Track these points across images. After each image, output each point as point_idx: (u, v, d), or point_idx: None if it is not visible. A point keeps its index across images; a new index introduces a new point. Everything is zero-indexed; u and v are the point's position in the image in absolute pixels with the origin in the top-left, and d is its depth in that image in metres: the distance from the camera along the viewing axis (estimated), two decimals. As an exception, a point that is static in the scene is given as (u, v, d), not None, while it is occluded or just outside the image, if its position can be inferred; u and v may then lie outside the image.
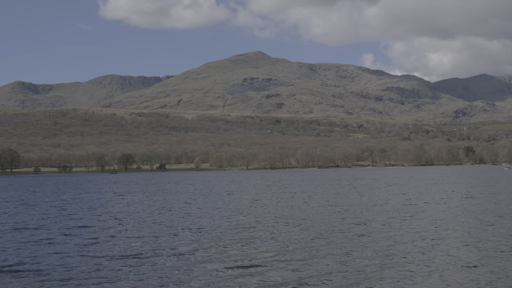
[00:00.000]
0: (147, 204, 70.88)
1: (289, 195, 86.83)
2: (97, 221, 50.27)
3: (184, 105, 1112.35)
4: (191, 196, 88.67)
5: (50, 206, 70.84)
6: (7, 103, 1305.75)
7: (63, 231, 43.28)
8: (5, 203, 79.32)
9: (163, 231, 42.31)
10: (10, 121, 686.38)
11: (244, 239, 37.25)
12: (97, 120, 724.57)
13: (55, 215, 56.96)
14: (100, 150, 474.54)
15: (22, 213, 61.50)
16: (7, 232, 43.59)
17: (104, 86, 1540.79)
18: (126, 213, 57.73)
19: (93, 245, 35.51)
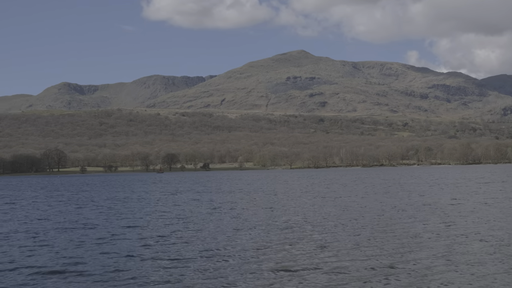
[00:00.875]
0: (209, 204, 70.10)
1: (342, 194, 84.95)
2: (150, 220, 49.60)
3: (227, 105, 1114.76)
4: (251, 195, 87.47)
5: (110, 205, 70.53)
6: (54, 104, 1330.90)
7: (119, 230, 42.89)
8: (59, 202, 79.28)
9: (225, 229, 41.75)
10: (57, 121, 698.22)
11: (303, 239, 36.24)
12: (141, 120, 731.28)
13: (113, 214, 56.55)
14: (144, 150, 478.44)
15: (75, 212, 61.13)
16: (62, 231, 43.23)
17: (148, 86, 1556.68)
18: (182, 213, 56.92)
19: (144, 247, 34.78)
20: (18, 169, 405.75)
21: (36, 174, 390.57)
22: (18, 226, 47.35)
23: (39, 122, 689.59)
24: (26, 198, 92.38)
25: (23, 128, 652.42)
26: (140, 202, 74.44)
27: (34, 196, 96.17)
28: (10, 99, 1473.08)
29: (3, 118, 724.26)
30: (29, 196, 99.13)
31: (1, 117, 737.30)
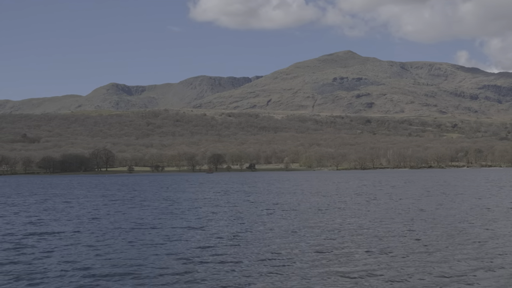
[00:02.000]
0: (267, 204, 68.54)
1: (398, 195, 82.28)
2: (207, 221, 48.61)
3: (274, 105, 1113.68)
4: (304, 196, 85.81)
5: (165, 206, 69.73)
6: (102, 105, 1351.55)
7: (177, 231, 41.97)
8: (113, 201, 78.93)
9: (281, 231, 40.59)
10: (105, 121, 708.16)
11: (363, 243, 35.00)
12: (188, 121, 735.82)
13: (168, 215, 55.48)
14: (191, 150, 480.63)
15: (130, 212, 60.50)
16: (119, 231, 42.59)
17: (194, 87, 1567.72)
18: (237, 214, 55.98)
19: (202, 248, 33.93)
20: (68, 169, 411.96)
21: (85, 174, 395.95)
22: (76, 225, 46.90)
23: (88, 122, 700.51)
24: (80, 197, 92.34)
25: (73, 128, 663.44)
26: (194, 202, 73.51)
27: (87, 196, 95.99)
28: (60, 100, 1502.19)
29: (53, 118, 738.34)
30: (83, 195, 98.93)
31: (51, 117, 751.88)
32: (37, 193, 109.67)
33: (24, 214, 57.67)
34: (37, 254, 32.31)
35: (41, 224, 47.52)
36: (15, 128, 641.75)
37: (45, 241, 37.27)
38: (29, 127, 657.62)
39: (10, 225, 47.21)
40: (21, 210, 64.38)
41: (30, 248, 34.42)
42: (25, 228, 45.35)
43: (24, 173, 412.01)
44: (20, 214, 58.53)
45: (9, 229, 44.53)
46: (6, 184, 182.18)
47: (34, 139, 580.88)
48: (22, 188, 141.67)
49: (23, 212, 61.24)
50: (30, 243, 36.60)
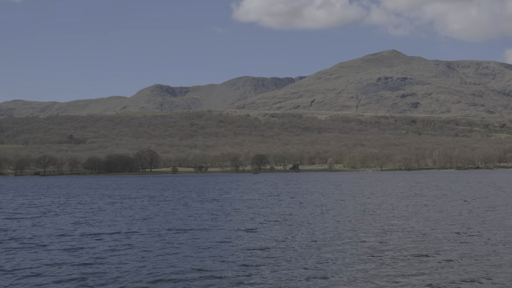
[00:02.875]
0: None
1: (452, 197, 79.03)
2: (261, 223, 47.18)
3: (317, 106, 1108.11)
4: (356, 198, 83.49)
5: (216, 207, 68.46)
6: (146, 106, 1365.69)
7: (233, 233, 40.83)
8: (167, 202, 77.65)
9: (342, 233, 39.07)
10: (150, 122, 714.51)
11: (430, 246, 33.25)
12: (231, 121, 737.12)
13: (222, 216, 54.22)
14: (234, 151, 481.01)
15: (183, 213, 59.25)
16: (174, 232, 41.52)
17: (238, 87, 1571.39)
18: (290, 216, 54.11)
19: (262, 251, 32.86)
20: (113, 169, 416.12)
21: (130, 174, 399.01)
22: (129, 226, 46.14)
23: (132, 123, 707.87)
24: (131, 197, 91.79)
25: (118, 129, 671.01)
26: (244, 203, 72.15)
27: (139, 196, 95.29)
28: (106, 101, 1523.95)
29: (99, 120, 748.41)
30: (135, 195, 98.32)
31: (97, 118, 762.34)
32: (87, 193, 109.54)
33: (79, 214, 57.13)
34: (97, 255, 31.88)
35: (95, 225, 46.93)
36: (62, 129, 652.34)
37: (102, 242, 36.74)
38: (75, 128, 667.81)
39: (70, 225, 46.59)
40: (75, 210, 63.79)
41: (90, 249, 33.90)
42: (83, 227, 44.83)
43: (70, 173, 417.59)
44: (75, 214, 57.88)
45: (71, 229, 43.80)
46: (56, 184, 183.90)
47: (80, 140, 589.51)
48: (72, 188, 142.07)
49: (78, 212, 60.65)
50: (89, 243, 36.08)
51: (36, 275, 26.21)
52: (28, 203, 77.36)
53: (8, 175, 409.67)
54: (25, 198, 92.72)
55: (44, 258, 30.79)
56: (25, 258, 30.89)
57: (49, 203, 76.90)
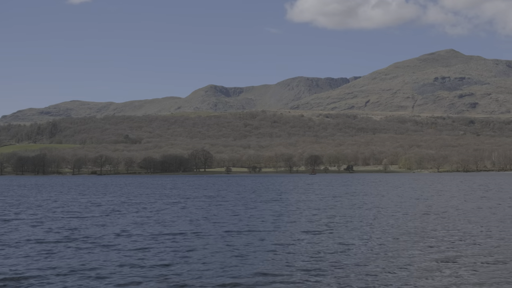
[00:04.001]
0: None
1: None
2: (328, 225, 45.27)
3: (372, 106, 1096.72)
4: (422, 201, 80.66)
5: (278, 208, 66.69)
6: (201, 106, 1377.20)
7: (300, 236, 38.99)
8: (226, 202, 76.64)
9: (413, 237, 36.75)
10: (204, 123, 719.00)
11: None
12: (285, 122, 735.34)
13: (285, 218, 52.24)
14: (288, 151, 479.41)
15: (246, 214, 57.67)
16: (238, 234, 40.24)
17: (292, 88, 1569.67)
18: (356, 218, 52.06)
19: (333, 254, 30.52)
20: (167, 169, 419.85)
21: (184, 174, 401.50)
22: (192, 226, 44.87)
23: (187, 124, 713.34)
24: (190, 197, 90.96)
25: (172, 129, 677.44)
26: (306, 204, 70.00)
27: (197, 196, 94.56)
28: (161, 102, 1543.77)
29: (154, 120, 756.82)
30: (193, 195, 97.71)
31: (152, 119, 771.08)
32: (147, 193, 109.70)
33: (142, 214, 56.18)
34: (161, 256, 30.96)
35: (158, 225, 45.81)
36: (118, 129, 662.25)
37: (166, 243, 35.59)
38: (131, 129, 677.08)
39: (134, 225, 45.69)
40: (137, 209, 63.03)
41: (154, 250, 32.86)
42: (147, 228, 43.82)
43: (126, 173, 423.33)
44: (138, 214, 57.02)
45: (135, 229, 42.82)
46: (113, 183, 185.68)
47: (136, 140, 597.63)
48: (130, 187, 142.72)
49: (141, 211, 59.75)
50: (153, 244, 35.06)
51: (104, 277, 25.54)
52: (90, 203, 77.23)
53: (66, 174, 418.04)
54: (87, 197, 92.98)
55: (112, 258, 30.06)
56: (94, 258, 30.20)
57: (111, 203, 76.59)
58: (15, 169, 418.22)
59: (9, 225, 46.47)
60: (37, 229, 43.36)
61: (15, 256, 30.80)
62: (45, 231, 41.92)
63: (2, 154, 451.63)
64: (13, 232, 41.57)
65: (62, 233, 40.34)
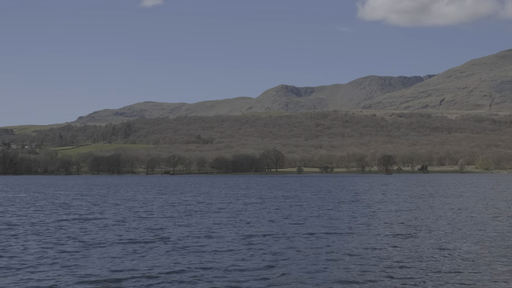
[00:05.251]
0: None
1: None
2: (434, 228, 42.84)
3: (447, 105, 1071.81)
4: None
5: (366, 209, 64.85)
6: (272, 106, 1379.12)
7: (381, 239, 36.65)
8: (303, 203, 74.83)
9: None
10: (275, 123, 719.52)
11: None
12: (357, 121, 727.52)
13: (379, 219, 50.61)
14: (360, 151, 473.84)
15: (329, 215, 55.80)
16: (328, 235, 38.59)
17: (364, 87, 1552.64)
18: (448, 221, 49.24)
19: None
20: (239, 169, 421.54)
21: (255, 174, 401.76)
22: (274, 227, 43.50)
23: (258, 124, 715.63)
24: (268, 197, 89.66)
25: (244, 129, 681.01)
26: (388, 205, 67.53)
27: (275, 196, 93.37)
28: (232, 102, 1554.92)
29: (225, 120, 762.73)
30: (269, 195, 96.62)
31: (224, 119, 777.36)
32: (223, 193, 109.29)
33: (223, 215, 55.15)
34: (245, 257, 30.04)
35: (242, 226, 44.68)
36: (190, 129, 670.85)
37: (250, 244, 34.14)
38: (203, 129, 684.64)
39: (215, 226, 44.57)
40: (218, 210, 62.17)
41: (238, 252, 31.64)
42: (228, 229, 42.66)
43: (198, 172, 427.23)
44: (219, 214, 55.93)
45: (217, 230, 41.68)
46: (188, 182, 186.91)
47: (208, 140, 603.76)
48: (205, 187, 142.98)
49: (221, 212, 58.72)
50: (239, 246, 33.75)
51: (200, 279, 24.66)
52: (170, 202, 77.19)
53: (140, 173, 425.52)
54: (165, 197, 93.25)
55: (193, 260, 29.00)
56: (184, 260, 29.25)
57: (190, 203, 76.31)
58: (91, 168, 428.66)
59: (94, 224, 46.19)
60: (123, 229, 43.02)
61: (104, 256, 30.17)
62: (131, 231, 41.46)
63: (79, 154, 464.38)
64: (99, 231, 41.22)
65: (148, 234, 39.75)
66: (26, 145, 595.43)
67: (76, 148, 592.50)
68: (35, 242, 35.20)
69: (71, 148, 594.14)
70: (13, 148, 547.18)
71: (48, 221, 49.06)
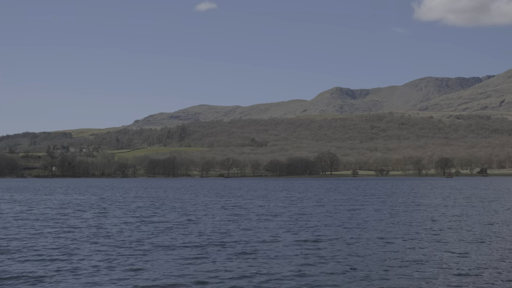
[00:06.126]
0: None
1: None
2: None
3: (507, 106, 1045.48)
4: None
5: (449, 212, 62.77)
6: (326, 109, 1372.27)
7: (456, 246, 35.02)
8: (366, 207, 73.06)
9: None
10: (330, 125, 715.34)
11: None
12: (413, 124, 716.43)
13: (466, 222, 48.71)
14: (416, 154, 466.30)
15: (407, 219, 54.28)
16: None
17: (420, 89, 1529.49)
18: None
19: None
20: (293, 172, 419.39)
21: (310, 177, 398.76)
22: (339, 232, 42.04)
23: (312, 126, 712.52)
24: (329, 201, 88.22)
25: (298, 132, 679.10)
26: (450, 210, 65.07)
27: (334, 200, 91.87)
28: (286, 104, 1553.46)
29: (280, 123, 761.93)
30: (329, 199, 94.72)
31: (278, 122, 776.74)
32: (283, 195, 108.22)
33: (284, 218, 54.16)
34: (310, 263, 28.76)
35: (307, 230, 43.40)
36: (244, 132, 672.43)
37: (313, 249, 32.93)
38: (257, 132, 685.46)
39: (279, 231, 43.46)
40: (280, 213, 61.16)
41: (303, 257, 30.29)
42: (302, 233, 41.41)
43: (252, 175, 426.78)
44: (281, 218, 55.15)
45: (281, 235, 40.71)
46: (243, 185, 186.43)
47: (262, 143, 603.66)
48: (264, 190, 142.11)
49: (285, 215, 57.86)
50: (305, 251, 32.45)
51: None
52: (229, 205, 76.83)
53: (195, 176, 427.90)
54: (224, 199, 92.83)
55: (263, 265, 28.28)
56: (247, 265, 28.40)
57: (249, 205, 75.76)
58: (147, 171, 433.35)
59: (158, 227, 45.73)
60: (186, 232, 42.47)
61: (170, 260, 29.74)
62: (195, 234, 40.83)
63: (135, 157, 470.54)
64: (163, 233, 40.95)
65: (213, 237, 39.12)
66: (84, 148, 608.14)
67: (132, 151, 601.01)
68: (103, 245, 35.08)
69: (127, 151, 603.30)
70: (71, 151, 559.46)
71: (111, 223, 49.25)
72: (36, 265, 28.27)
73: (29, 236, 39.57)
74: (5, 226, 46.78)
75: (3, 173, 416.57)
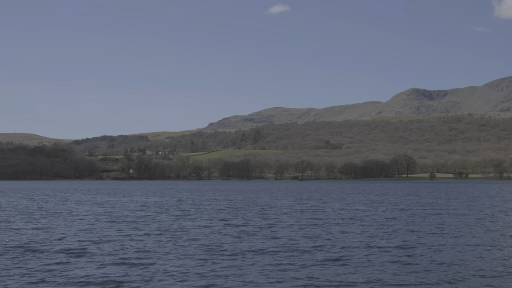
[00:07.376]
0: None
1: None
2: None
3: None
4: None
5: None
6: (402, 110, 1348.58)
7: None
8: (450, 211, 70.46)
9: None
10: (406, 127, 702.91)
11: None
12: (494, 125, 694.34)
13: None
14: (498, 156, 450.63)
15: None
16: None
17: (501, 89, 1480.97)
18: None
19: None
20: (368, 174, 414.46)
21: (385, 180, 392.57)
22: (411, 238, 39.88)
23: (388, 128, 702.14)
24: (412, 204, 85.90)
25: (373, 134, 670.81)
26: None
27: (417, 203, 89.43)
28: (361, 106, 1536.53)
29: (354, 125, 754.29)
30: (413, 202, 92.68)
31: (352, 124, 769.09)
32: (363, 199, 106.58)
33: (365, 224, 52.63)
34: (380, 270, 26.94)
35: (384, 237, 41.58)
36: (319, 135, 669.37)
37: (387, 256, 30.93)
38: (331, 134, 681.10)
39: (364, 237, 42.01)
40: (363, 217, 59.66)
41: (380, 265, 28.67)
42: (392, 239, 39.70)
43: (327, 178, 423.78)
44: (362, 223, 53.67)
45: (364, 242, 39.33)
46: (320, 188, 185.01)
47: (336, 145, 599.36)
48: (342, 193, 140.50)
49: (366, 221, 56.35)
50: (378, 258, 30.81)
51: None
52: (310, 208, 75.69)
53: (269, 179, 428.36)
54: (304, 203, 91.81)
55: (361, 272, 27.01)
56: (344, 271, 27.24)
57: (325, 209, 74.48)
58: (221, 174, 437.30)
59: (242, 230, 45.05)
60: (272, 235, 41.65)
61: (264, 264, 28.92)
62: (281, 239, 39.60)
63: (209, 159, 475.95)
64: (250, 237, 40.24)
65: (302, 242, 37.73)
66: (160, 151, 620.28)
67: (207, 153, 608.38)
68: (190, 248, 34.49)
69: (202, 154, 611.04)
70: (147, 154, 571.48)
71: (193, 225, 48.72)
72: (122, 269, 27.59)
73: (114, 239, 39.28)
74: (89, 228, 46.98)
75: (83, 175, 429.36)
